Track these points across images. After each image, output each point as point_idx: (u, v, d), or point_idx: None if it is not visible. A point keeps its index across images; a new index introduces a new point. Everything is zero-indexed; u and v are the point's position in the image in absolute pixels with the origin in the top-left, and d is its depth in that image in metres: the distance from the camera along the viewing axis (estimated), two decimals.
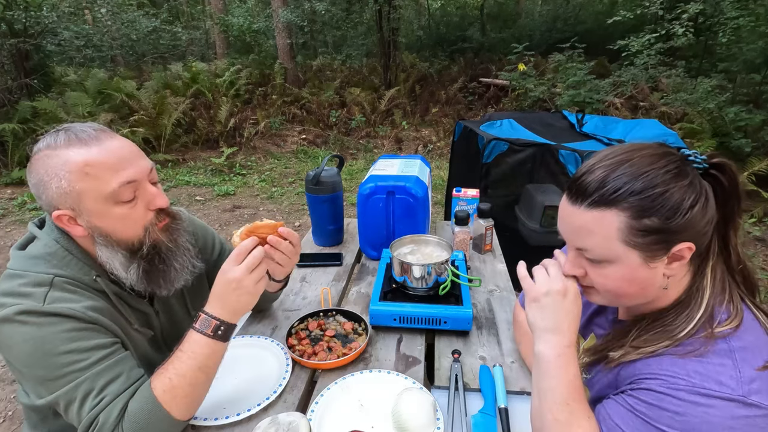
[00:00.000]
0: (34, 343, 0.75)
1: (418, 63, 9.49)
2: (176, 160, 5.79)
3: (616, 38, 5.94)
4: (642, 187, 0.63)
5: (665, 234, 0.63)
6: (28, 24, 5.64)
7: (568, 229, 0.71)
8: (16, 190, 4.78)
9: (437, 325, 1.10)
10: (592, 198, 0.65)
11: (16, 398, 2.06)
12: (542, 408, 0.71)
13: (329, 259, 1.53)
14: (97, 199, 0.79)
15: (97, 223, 0.81)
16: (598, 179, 0.65)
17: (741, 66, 5.85)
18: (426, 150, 6.21)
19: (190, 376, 0.79)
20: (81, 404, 0.75)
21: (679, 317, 0.68)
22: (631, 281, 0.68)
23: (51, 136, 0.80)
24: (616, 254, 0.66)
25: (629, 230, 0.64)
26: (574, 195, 0.68)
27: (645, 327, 0.71)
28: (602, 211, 0.65)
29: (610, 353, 0.73)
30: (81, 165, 0.77)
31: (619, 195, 0.63)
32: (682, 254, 0.65)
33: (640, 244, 0.64)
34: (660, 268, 0.67)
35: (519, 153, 2.41)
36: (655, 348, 0.67)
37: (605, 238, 0.66)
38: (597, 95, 5.81)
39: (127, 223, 0.83)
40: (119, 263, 0.85)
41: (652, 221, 0.63)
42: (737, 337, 0.63)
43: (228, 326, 0.83)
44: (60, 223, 0.81)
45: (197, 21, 14.44)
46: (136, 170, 0.82)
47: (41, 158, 0.78)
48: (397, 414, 0.83)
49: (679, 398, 0.60)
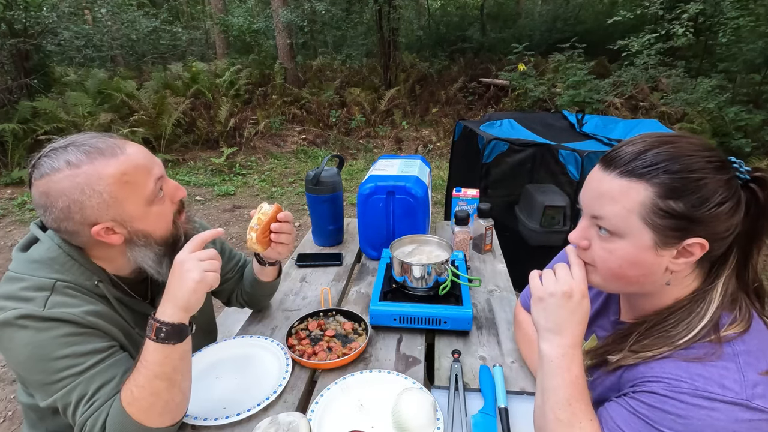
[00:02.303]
0: (32, 348, 0.75)
1: (418, 63, 9.48)
2: (176, 160, 5.79)
3: (616, 38, 5.95)
4: (679, 168, 0.62)
5: (685, 222, 0.62)
6: (28, 24, 5.64)
7: (591, 195, 0.70)
8: (16, 190, 4.78)
9: (437, 325, 1.10)
10: (626, 167, 0.65)
11: (15, 398, 2.06)
12: (545, 407, 0.71)
13: (329, 259, 1.53)
14: (139, 202, 0.81)
15: (140, 226, 0.83)
16: (637, 150, 0.65)
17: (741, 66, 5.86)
18: (426, 150, 6.21)
19: (149, 386, 0.75)
20: (75, 409, 0.76)
21: (681, 324, 0.67)
22: (633, 263, 0.67)
23: (59, 154, 0.77)
24: (629, 229, 0.65)
25: (652, 208, 0.63)
26: (608, 162, 0.67)
27: (645, 332, 0.71)
28: (631, 182, 0.64)
29: (609, 356, 0.73)
30: (119, 175, 0.78)
31: (654, 170, 0.62)
32: (692, 250, 0.64)
33: (657, 225, 0.63)
34: (666, 259, 0.66)
35: (519, 153, 2.41)
36: (654, 353, 0.66)
37: (625, 209, 0.65)
38: (597, 95, 5.82)
39: (162, 218, 0.86)
40: (152, 260, 0.87)
41: (678, 205, 0.62)
42: (741, 341, 0.63)
43: (172, 327, 0.76)
44: (99, 237, 0.80)
45: (197, 21, 14.43)
46: (158, 167, 0.86)
47: (64, 179, 0.76)
48: (397, 414, 0.83)
49: (682, 401, 0.59)
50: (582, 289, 0.73)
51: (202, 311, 0.84)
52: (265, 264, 1.11)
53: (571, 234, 0.75)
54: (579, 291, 0.73)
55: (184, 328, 0.78)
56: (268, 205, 1.00)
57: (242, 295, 1.21)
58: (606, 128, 2.87)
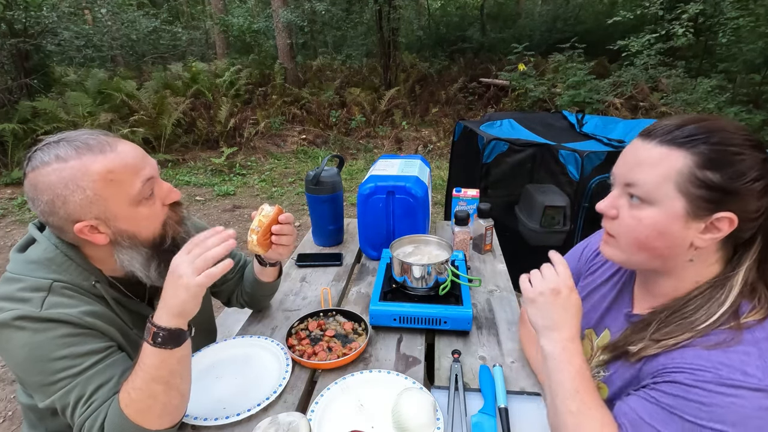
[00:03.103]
0: (30, 349, 0.75)
1: (418, 63, 9.49)
2: (176, 160, 5.79)
3: (616, 38, 5.95)
4: (718, 140, 0.64)
5: (720, 193, 0.63)
6: (28, 24, 5.64)
7: (627, 162, 0.71)
8: (16, 190, 4.78)
9: (437, 325, 1.10)
10: (666, 136, 0.66)
11: (15, 398, 2.06)
12: (555, 402, 0.71)
13: (329, 259, 1.53)
14: (124, 202, 0.80)
15: (124, 227, 0.82)
16: (680, 123, 0.67)
17: (741, 66, 5.86)
18: (426, 150, 6.21)
19: (146, 389, 0.74)
20: (73, 409, 0.76)
21: (700, 310, 0.67)
22: (661, 232, 0.68)
23: (51, 149, 0.77)
24: (662, 196, 0.66)
25: (689, 176, 0.64)
26: (648, 133, 0.69)
27: (664, 319, 0.71)
28: (671, 150, 0.65)
29: (630, 347, 0.73)
30: (104, 173, 0.77)
31: (694, 140, 0.64)
32: (720, 226, 0.65)
33: (691, 194, 0.64)
34: (693, 233, 0.66)
35: (519, 153, 2.41)
36: (677, 341, 0.67)
37: (661, 176, 0.66)
38: (597, 95, 5.82)
39: (150, 220, 0.84)
40: (139, 263, 0.85)
41: (714, 176, 0.63)
42: (762, 328, 0.63)
43: (169, 333, 0.74)
44: (82, 235, 0.80)
45: (197, 21, 14.44)
46: (150, 168, 0.83)
47: (51, 173, 0.75)
48: (397, 414, 0.83)
49: (706, 389, 0.60)
50: (568, 284, 0.76)
51: (202, 311, 0.83)
52: (265, 264, 1.11)
53: (599, 203, 0.75)
54: (566, 286, 0.76)
55: (181, 332, 0.76)
56: (269, 206, 1.00)
57: (242, 295, 1.21)
58: (606, 128, 2.87)
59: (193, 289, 0.74)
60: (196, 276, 0.74)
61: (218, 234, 0.81)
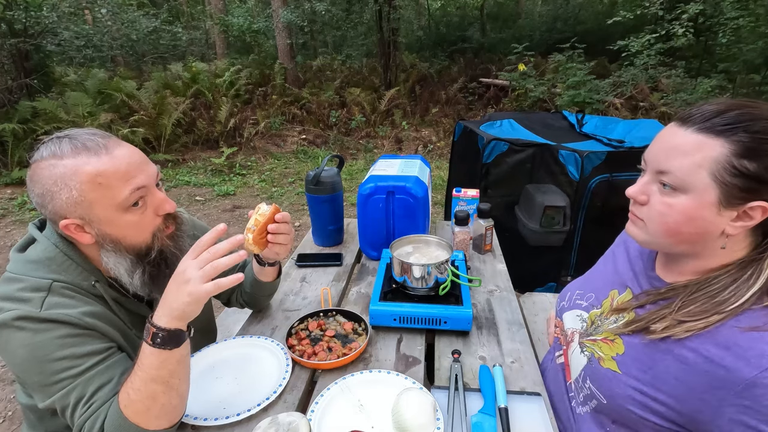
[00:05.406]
0: (29, 350, 0.75)
1: (418, 63, 9.49)
2: (176, 160, 5.79)
3: (616, 38, 5.96)
4: (759, 129, 0.62)
5: (755, 183, 0.62)
6: (28, 24, 5.64)
7: (660, 149, 0.70)
8: (16, 190, 4.78)
9: (437, 325, 1.10)
10: (704, 123, 0.65)
11: (15, 398, 2.06)
12: None
13: (329, 259, 1.53)
14: (109, 207, 0.79)
15: (108, 231, 0.81)
16: (719, 109, 0.65)
17: (741, 66, 5.87)
18: (426, 150, 6.21)
19: (145, 390, 0.74)
20: (73, 410, 0.76)
21: (727, 289, 0.66)
22: (691, 219, 0.67)
23: (53, 144, 0.77)
24: (696, 183, 0.65)
25: (725, 165, 0.63)
26: (685, 118, 0.67)
27: (689, 297, 0.69)
28: (708, 138, 0.64)
29: (653, 325, 0.71)
30: (93, 175, 0.76)
31: (734, 128, 0.63)
32: (753, 214, 0.64)
33: (726, 182, 0.63)
34: (725, 221, 0.65)
35: (519, 153, 2.41)
36: (706, 324, 0.65)
37: (696, 164, 0.64)
38: (597, 95, 5.82)
39: (137, 229, 0.83)
40: (124, 269, 0.84)
41: (752, 165, 0.62)
42: None
43: (168, 333, 0.74)
44: (68, 232, 0.80)
45: (197, 21, 14.44)
46: (145, 177, 0.82)
47: (45, 167, 0.76)
48: (397, 414, 0.83)
49: None
50: None
51: (202, 312, 0.83)
52: (264, 264, 1.11)
53: (629, 189, 0.74)
54: None
55: (181, 333, 0.76)
56: (266, 205, 0.99)
57: (242, 295, 1.21)
58: (606, 128, 2.86)
59: (199, 296, 0.73)
60: (203, 283, 0.73)
61: (229, 241, 0.78)
